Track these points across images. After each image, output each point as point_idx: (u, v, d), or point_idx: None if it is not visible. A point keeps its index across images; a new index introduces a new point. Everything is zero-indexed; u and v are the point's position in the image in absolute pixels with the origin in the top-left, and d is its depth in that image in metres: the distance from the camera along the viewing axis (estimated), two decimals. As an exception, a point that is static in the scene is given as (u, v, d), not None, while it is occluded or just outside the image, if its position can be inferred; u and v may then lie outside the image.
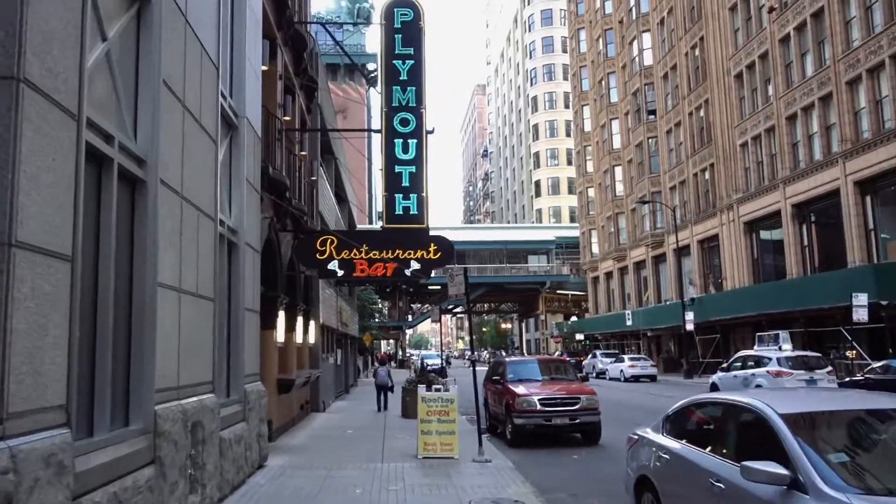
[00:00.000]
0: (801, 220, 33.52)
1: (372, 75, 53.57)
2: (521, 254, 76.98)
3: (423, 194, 14.88)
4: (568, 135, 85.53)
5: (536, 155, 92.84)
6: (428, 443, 11.47)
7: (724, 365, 24.28)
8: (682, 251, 44.14)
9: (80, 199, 4.73)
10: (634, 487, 7.48)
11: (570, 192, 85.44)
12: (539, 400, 13.71)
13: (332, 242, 14.05)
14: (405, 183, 14.86)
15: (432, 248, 14.30)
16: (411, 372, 24.01)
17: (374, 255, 14.16)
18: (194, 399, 7.10)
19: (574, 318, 72.08)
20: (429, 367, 37.85)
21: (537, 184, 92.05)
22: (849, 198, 29.06)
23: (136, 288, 6.03)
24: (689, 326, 37.55)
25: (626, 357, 40.78)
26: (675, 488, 6.48)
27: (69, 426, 4.46)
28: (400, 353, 79.15)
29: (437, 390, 11.95)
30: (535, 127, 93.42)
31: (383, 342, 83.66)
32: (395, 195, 14.90)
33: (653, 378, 37.78)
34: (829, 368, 20.43)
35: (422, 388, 12.01)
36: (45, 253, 4.26)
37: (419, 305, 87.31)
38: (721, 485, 5.23)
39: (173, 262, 6.66)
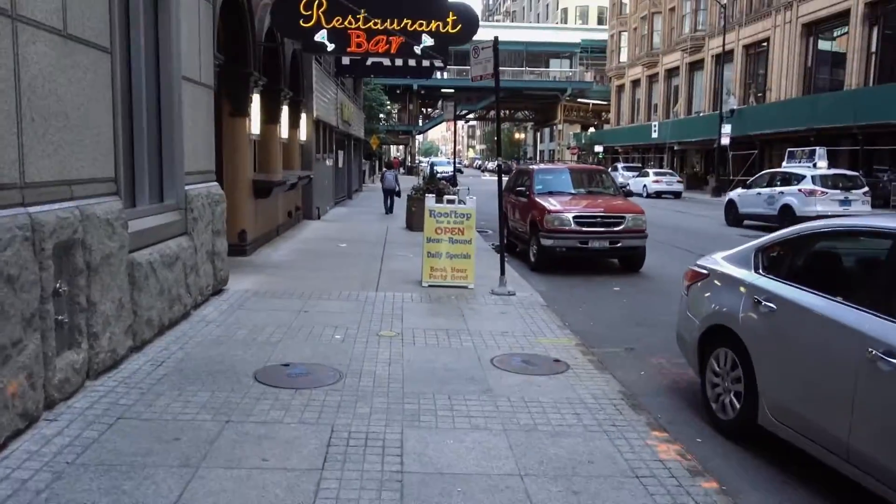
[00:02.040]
0: (873, 23, 29.08)
1: None
2: (542, 57, 71.52)
3: (441, -55, 11.25)
4: (603, -78, 76.31)
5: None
6: (436, 268, 9.02)
7: (748, 182, 21.79)
8: (722, 58, 39.62)
9: None
10: (700, 341, 5.13)
11: (601, -11, 78.03)
12: (574, 217, 11.13)
13: (320, 5, 10.72)
14: (416, -73, 11.17)
15: (450, 18, 10.97)
16: (420, 179, 21.45)
17: (376, 25, 10.89)
18: (64, 206, 4.44)
19: (592, 130, 68.40)
20: (439, 175, 35.32)
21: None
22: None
23: None
24: (725, 140, 34.27)
25: (650, 171, 38.01)
26: (787, 353, 4.25)
27: None
28: (409, 159, 76.41)
29: (450, 202, 9.30)
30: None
31: (393, 147, 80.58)
32: (404, -55, 11.26)
33: (677, 195, 35.31)
34: (865, 189, 18.50)
35: (430, 199, 9.35)
36: None
37: (431, 110, 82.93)
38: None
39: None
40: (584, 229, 11.07)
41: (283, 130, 14.11)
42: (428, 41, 11.00)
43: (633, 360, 6.54)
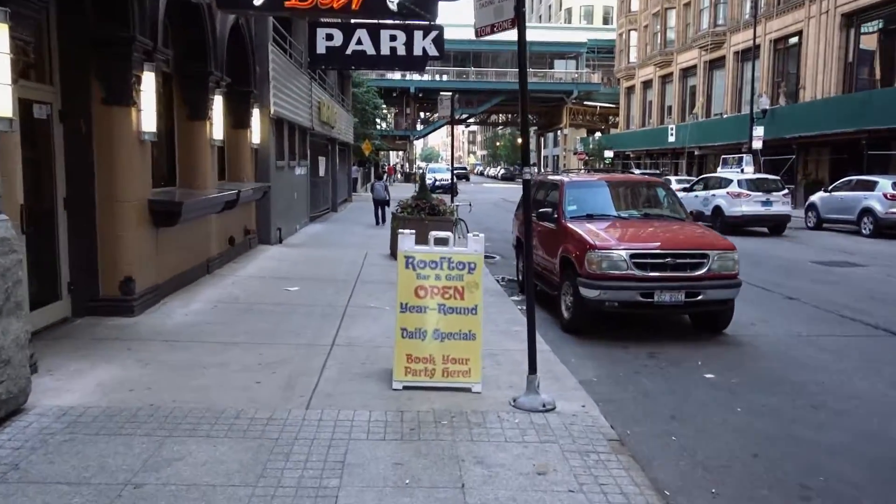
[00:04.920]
0: (931, 7, 25.47)
1: None
2: (546, 58, 67.81)
3: None
4: (609, -84, 72.84)
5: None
6: (416, 356, 5.22)
7: (691, 185, 24.09)
8: (745, 54, 35.86)
9: None
10: None
11: (607, -13, 74.53)
12: (631, 256, 7.34)
13: (240, -65, 7.02)
14: None
15: (440, -44, 7.26)
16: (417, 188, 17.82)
17: (328, -33, 7.18)
18: None
19: (598, 134, 64.61)
20: (436, 183, 31.58)
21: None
22: None
23: None
24: (757, 143, 30.49)
25: (673, 179, 34.21)
26: None
27: None
28: (407, 165, 72.70)
29: (440, 242, 5.49)
30: None
31: (392, 154, 76.77)
32: None
33: (703, 205, 31.56)
34: (785, 191, 20.20)
35: (405, 238, 5.49)
36: None
37: (430, 114, 79.12)
38: None
39: None
40: (648, 274, 7.26)
41: (217, 130, 10.35)
42: (408, -10, 7.28)
43: None
